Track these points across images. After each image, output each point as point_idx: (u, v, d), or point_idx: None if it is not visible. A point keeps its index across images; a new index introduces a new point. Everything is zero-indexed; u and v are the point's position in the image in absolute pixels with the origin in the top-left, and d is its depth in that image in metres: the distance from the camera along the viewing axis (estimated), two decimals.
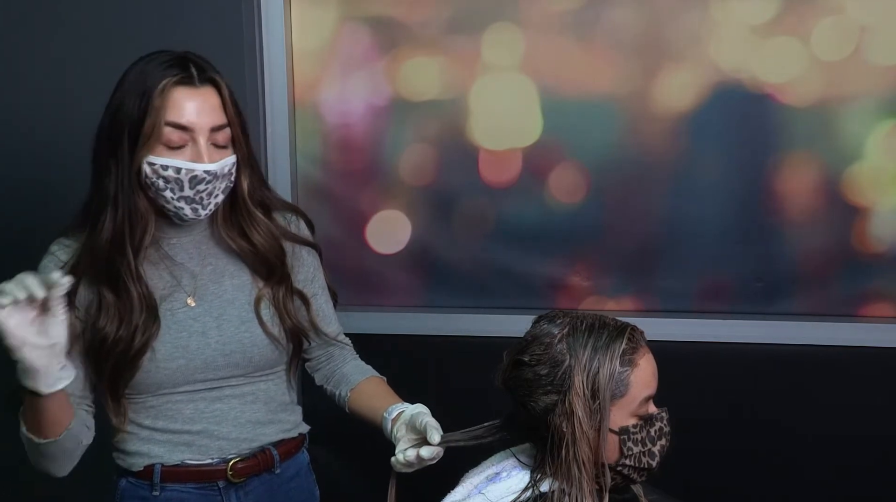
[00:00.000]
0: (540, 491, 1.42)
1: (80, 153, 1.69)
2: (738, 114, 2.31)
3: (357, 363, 1.84)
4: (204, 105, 1.58)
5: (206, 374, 1.67)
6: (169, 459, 1.68)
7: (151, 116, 1.55)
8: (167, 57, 1.60)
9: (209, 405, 1.69)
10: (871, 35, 2.23)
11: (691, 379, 2.28)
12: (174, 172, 1.56)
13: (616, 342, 1.40)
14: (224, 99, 1.60)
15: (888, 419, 2.29)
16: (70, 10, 2.40)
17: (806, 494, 2.33)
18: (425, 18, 2.39)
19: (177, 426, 1.68)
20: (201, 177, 1.57)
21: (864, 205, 2.30)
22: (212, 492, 1.70)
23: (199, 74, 1.59)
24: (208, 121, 1.58)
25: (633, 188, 2.38)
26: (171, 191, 1.58)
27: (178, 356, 1.65)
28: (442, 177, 2.45)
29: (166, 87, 1.56)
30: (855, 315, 2.34)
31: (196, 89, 1.58)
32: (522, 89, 2.38)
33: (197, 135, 1.57)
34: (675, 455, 1.48)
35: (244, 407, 1.71)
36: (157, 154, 1.56)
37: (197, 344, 1.66)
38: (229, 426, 1.70)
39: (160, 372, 1.64)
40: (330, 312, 1.83)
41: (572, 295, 2.44)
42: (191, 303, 1.67)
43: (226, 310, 1.69)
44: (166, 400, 1.67)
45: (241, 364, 1.69)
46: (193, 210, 1.60)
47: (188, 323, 1.66)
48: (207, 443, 1.69)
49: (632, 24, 2.32)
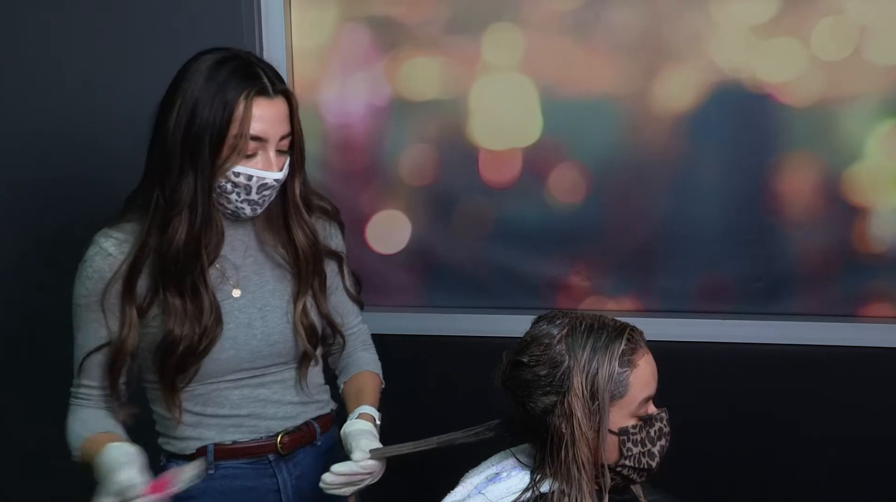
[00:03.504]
0: (540, 491, 1.42)
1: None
2: (737, 114, 2.31)
3: (361, 355, 1.89)
4: (277, 116, 1.63)
5: (252, 363, 1.73)
6: (221, 439, 1.74)
7: (234, 128, 1.59)
8: (235, 63, 1.62)
9: (254, 390, 1.75)
10: (871, 35, 2.23)
11: (691, 379, 2.28)
12: (245, 179, 1.62)
13: (615, 343, 1.40)
14: (292, 108, 1.66)
15: (888, 419, 2.29)
16: (70, 10, 2.41)
17: (806, 494, 2.33)
18: (425, 18, 2.39)
19: (225, 411, 1.74)
20: (270, 184, 1.64)
21: (864, 205, 2.30)
22: (263, 466, 1.76)
23: (272, 85, 1.63)
24: (280, 130, 1.64)
25: (633, 188, 2.38)
26: (236, 195, 1.64)
27: (227, 348, 1.70)
28: (442, 177, 2.45)
29: (249, 97, 1.59)
30: (855, 315, 2.34)
31: (271, 100, 1.63)
32: (522, 89, 2.38)
33: (269, 144, 1.63)
34: (674, 455, 1.48)
35: (285, 390, 1.78)
36: (237, 163, 1.61)
37: (244, 335, 1.71)
38: (274, 408, 1.76)
39: (210, 363, 1.69)
40: (349, 310, 1.88)
41: (572, 295, 2.44)
42: (236, 293, 1.72)
43: (269, 301, 1.74)
44: (213, 389, 1.72)
45: (284, 353, 1.75)
46: (253, 210, 1.67)
47: (234, 314, 1.71)
48: (256, 424, 1.75)
49: (632, 24, 2.32)
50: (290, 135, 1.66)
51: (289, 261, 1.75)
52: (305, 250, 1.74)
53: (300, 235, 1.73)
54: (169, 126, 1.62)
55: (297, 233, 1.73)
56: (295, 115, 1.67)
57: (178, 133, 1.60)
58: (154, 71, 2.38)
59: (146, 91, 2.39)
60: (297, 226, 1.73)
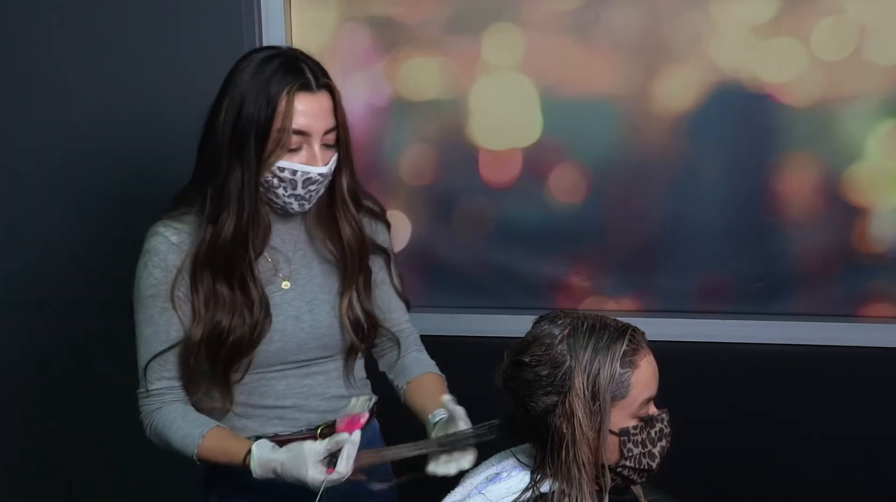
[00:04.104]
0: (540, 491, 1.42)
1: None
2: (738, 114, 2.31)
3: (418, 355, 1.90)
4: (321, 110, 1.65)
5: (298, 356, 1.76)
6: (263, 431, 1.75)
7: (277, 123, 1.62)
8: (281, 59, 1.66)
9: (299, 381, 1.77)
10: (871, 35, 2.23)
11: (691, 379, 2.28)
12: (290, 174, 1.64)
13: (617, 343, 1.40)
14: (336, 103, 1.67)
15: (888, 419, 2.29)
16: (70, 10, 2.41)
17: (806, 494, 2.33)
18: (425, 18, 2.40)
19: (269, 402, 1.76)
20: (315, 178, 1.66)
21: (864, 205, 2.30)
22: None
23: (316, 80, 1.65)
24: (323, 125, 1.65)
25: (633, 188, 2.38)
26: (283, 189, 1.66)
27: (275, 339, 1.72)
28: (442, 177, 2.45)
29: (291, 93, 1.62)
30: (855, 315, 2.34)
31: (314, 94, 1.64)
32: (522, 89, 2.38)
33: (313, 139, 1.64)
34: (674, 455, 1.48)
35: (329, 382, 1.80)
36: (281, 158, 1.63)
37: (292, 328, 1.74)
38: (316, 400, 1.78)
39: (258, 354, 1.72)
40: (394, 306, 1.88)
41: (572, 295, 2.44)
42: (285, 286, 1.75)
43: (317, 294, 1.76)
44: (259, 378, 1.75)
45: (330, 346, 1.78)
46: (300, 205, 1.69)
47: (283, 306, 1.74)
48: (298, 417, 1.77)
49: (632, 24, 2.32)
50: (335, 129, 1.67)
51: (336, 256, 1.78)
52: (351, 245, 1.76)
53: (347, 230, 1.75)
54: (218, 123, 1.66)
55: (343, 227, 1.75)
56: (339, 110, 1.68)
57: (226, 130, 1.64)
58: (154, 71, 2.41)
59: (146, 91, 2.42)
60: (344, 220, 1.75)
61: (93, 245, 2.51)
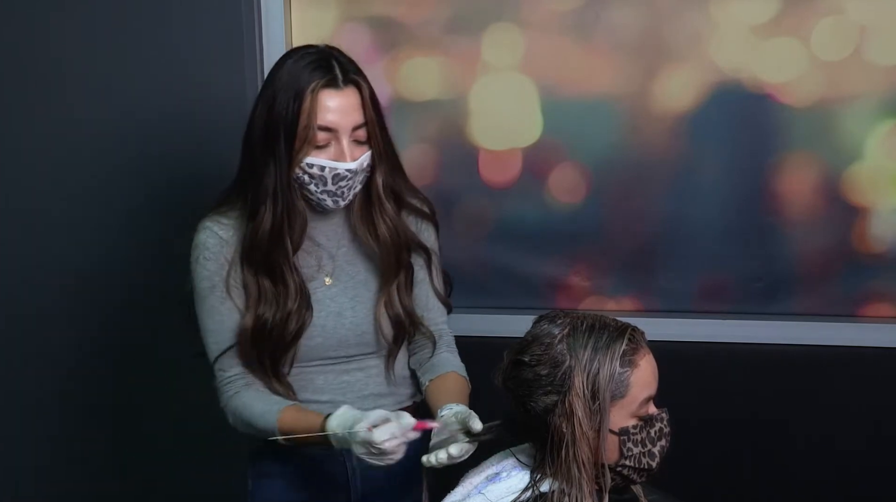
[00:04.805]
0: (540, 491, 1.42)
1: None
2: (737, 114, 2.31)
3: (446, 356, 1.89)
4: (347, 106, 1.66)
5: (339, 352, 1.79)
6: None
7: (303, 119, 1.64)
8: (314, 57, 1.68)
9: (337, 377, 1.80)
10: (871, 35, 2.23)
11: (691, 379, 2.28)
12: (319, 170, 1.67)
13: (616, 343, 1.40)
14: (364, 99, 1.68)
15: (888, 419, 2.29)
16: (70, 10, 2.41)
17: (806, 494, 2.33)
18: (425, 18, 2.40)
19: (307, 396, 1.79)
20: (343, 174, 1.67)
21: (864, 205, 2.30)
22: (335, 453, 1.79)
23: (343, 76, 1.67)
24: (350, 121, 1.67)
25: (633, 188, 2.38)
26: (315, 186, 1.68)
27: (315, 335, 1.76)
28: (442, 177, 2.45)
29: (315, 89, 1.64)
30: (855, 315, 2.34)
31: (340, 91, 1.67)
32: (522, 89, 2.38)
33: (340, 134, 1.67)
34: (674, 455, 1.48)
35: (368, 379, 1.82)
36: (309, 155, 1.66)
37: (333, 324, 1.77)
38: (353, 397, 1.80)
39: (299, 348, 1.76)
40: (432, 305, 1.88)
41: (572, 295, 2.44)
42: (328, 282, 1.78)
43: (359, 291, 1.79)
44: (300, 372, 1.78)
45: (370, 343, 1.80)
46: (334, 202, 1.70)
47: (326, 302, 1.77)
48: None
49: (632, 24, 2.32)
50: (365, 125, 1.68)
51: (377, 253, 1.79)
52: (387, 243, 1.77)
53: (382, 227, 1.76)
54: (254, 121, 1.71)
55: (379, 225, 1.76)
56: (367, 107, 1.69)
57: (260, 127, 1.69)
58: (154, 71, 2.41)
59: (146, 91, 2.42)
60: (379, 218, 1.76)
61: (93, 244, 2.51)
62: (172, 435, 2.54)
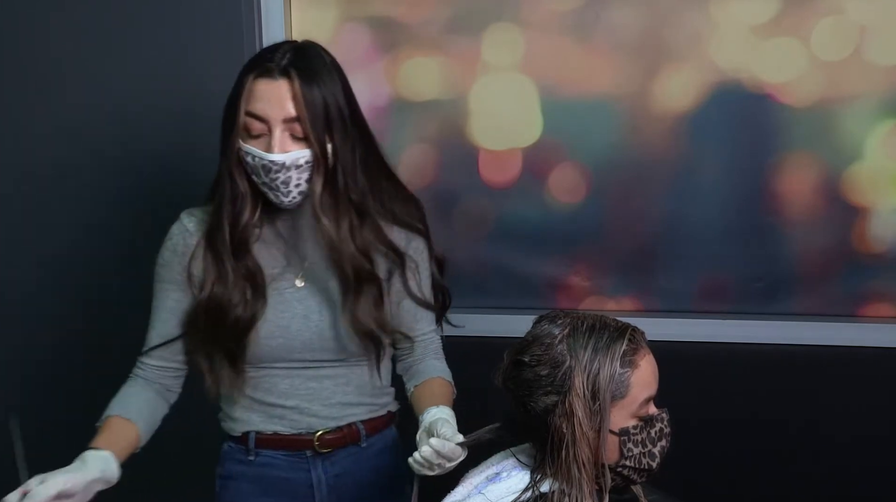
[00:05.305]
0: (540, 491, 1.42)
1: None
2: (738, 114, 2.31)
3: (432, 362, 1.88)
4: (274, 96, 1.64)
5: (304, 355, 1.75)
6: (264, 428, 1.78)
7: (240, 105, 1.64)
8: (273, 48, 1.69)
9: (304, 382, 1.77)
10: (871, 35, 2.23)
11: (691, 379, 2.28)
12: (251, 159, 1.65)
13: (616, 343, 1.40)
14: (295, 92, 1.63)
15: (888, 419, 2.29)
16: (70, 10, 2.41)
17: (806, 494, 2.33)
18: (425, 18, 2.39)
19: (272, 399, 1.77)
20: (269, 166, 1.63)
21: (864, 205, 2.30)
22: (300, 460, 1.79)
23: (280, 68, 1.64)
24: (280, 112, 1.63)
25: (633, 188, 2.38)
26: (256, 176, 1.67)
27: (277, 335, 1.73)
28: (442, 177, 2.45)
29: (250, 78, 1.64)
30: (855, 315, 2.34)
31: (273, 81, 1.64)
32: (522, 89, 2.38)
33: (272, 125, 1.63)
34: (674, 455, 1.48)
35: (336, 388, 1.79)
36: (243, 141, 1.65)
37: (298, 326, 1.74)
38: (319, 404, 1.78)
39: (261, 347, 1.73)
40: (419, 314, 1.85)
41: (572, 295, 2.44)
42: (299, 283, 1.75)
43: (331, 295, 1.75)
44: (265, 373, 1.76)
45: (336, 349, 1.76)
46: (275, 196, 1.67)
47: (293, 304, 1.74)
48: (298, 418, 1.77)
49: (632, 24, 2.32)
50: (298, 120, 1.63)
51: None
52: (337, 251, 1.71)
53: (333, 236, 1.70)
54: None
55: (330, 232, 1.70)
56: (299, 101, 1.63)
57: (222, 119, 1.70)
58: (154, 71, 2.41)
59: (146, 91, 2.42)
60: (332, 225, 1.70)
61: (89, 244, 2.51)
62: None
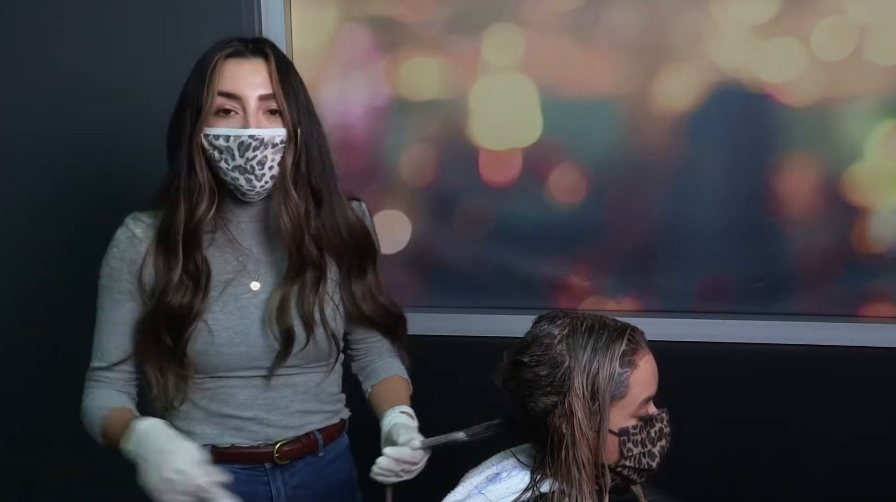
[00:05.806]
0: (540, 491, 1.42)
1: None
2: (738, 114, 2.31)
3: (389, 360, 1.87)
4: (250, 73, 1.63)
5: (263, 362, 1.71)
6: (220, 442, 1.73)
7: (206, 89, 1.61)
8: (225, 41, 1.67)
9: (262, 392, 1.73)
10: (871, 35, 2.23)
11: (691, 379, 2.28)
12: (224, 141, 1.61)
13: (616, 343, 1.40)
14: (272, 71, 1.63)
15: (888, 419, 2.29)
16: (70, 9, 2.41)
17: (806, 494, 2.33)
18: (425, 18, 2.39)
19: (229, 411, 1.72)
20: (247, 142, 1.60)
21: (864, 205, 2.30)
22: (259, 473, 1.75)
23: (251, 47, 1.64)
24: (256, 89, 1.62)
25: (633, 188, 2.38)
26: (224, 162, 1.62)
27: (238, 343, 1.69)
28: (442, 177, 2.45)
29: (219, 60, 1.62)
30: (855, 315, 2.34)
31: (246, 59, 1.64)
32: (522, 89, 2.38)
33: (246, 101, 1.61)
34: (674, 455, 1.48)
35: (295, 396, 1.75)
36: (210, 125, 1.61)
37: (258, 332, 1.69)
38: (278, 414, 1.74)
39: (220, 356, 1.69)
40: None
41: (572, 295, 2.44)
42: (254, 287, 1.71)
43: (289, 299, 1.70)
44: (223, 384, 1.71)
45: (297, 354, 1.72)
46: (248, 180, 1.63)
47: (251, 309, 1.70)
48: (257, 430, 1.73)
49: (632, 24, 2.32)
50: (274, 97, 1.62)
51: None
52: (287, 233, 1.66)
53: (285, 219, 1.65)
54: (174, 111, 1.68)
55: (282, 215, 1.65)
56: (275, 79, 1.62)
57: (174, 115, 1.66)
58: (153, 71, 2.41)
59: (145, 91, 2.42)
60: (283, 207, 1.65)
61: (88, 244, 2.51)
62: None
